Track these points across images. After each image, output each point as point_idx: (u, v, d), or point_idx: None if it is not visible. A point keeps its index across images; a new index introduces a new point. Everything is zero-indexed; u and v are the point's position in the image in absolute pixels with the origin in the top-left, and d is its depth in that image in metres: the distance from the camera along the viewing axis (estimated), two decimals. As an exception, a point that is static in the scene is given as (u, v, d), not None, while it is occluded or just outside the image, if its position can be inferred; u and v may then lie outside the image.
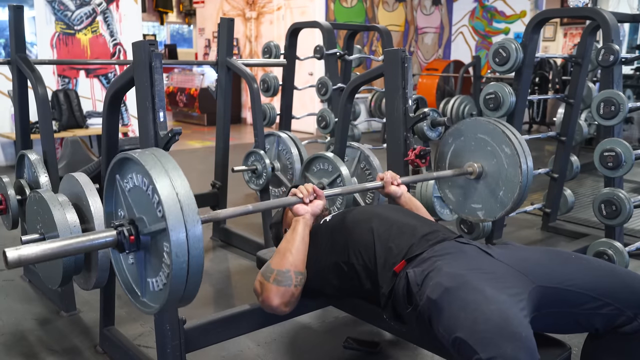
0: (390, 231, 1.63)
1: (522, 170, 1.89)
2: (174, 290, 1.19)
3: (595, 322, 1.40)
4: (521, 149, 1.91)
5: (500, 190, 1.94)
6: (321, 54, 3.79)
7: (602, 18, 2.74)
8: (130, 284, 1.36)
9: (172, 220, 1.15)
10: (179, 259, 1.15)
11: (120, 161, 1.29)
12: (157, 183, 1.17)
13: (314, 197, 1.70)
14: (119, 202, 1.33)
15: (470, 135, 2.01)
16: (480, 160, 1.98)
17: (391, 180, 1.92)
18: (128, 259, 1.34)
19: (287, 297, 1.60)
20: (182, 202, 1.17)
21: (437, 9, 9.52)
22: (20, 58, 2.54)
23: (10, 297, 2.63)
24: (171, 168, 1.21)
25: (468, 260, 1.46)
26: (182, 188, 1.19)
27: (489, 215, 2.01)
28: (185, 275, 1.17)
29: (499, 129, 1.92)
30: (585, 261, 1.50)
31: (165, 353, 1.69)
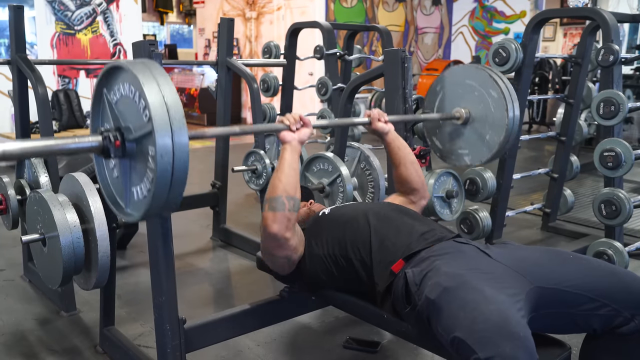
0: (387, 229, 1.64)
1: (508, 113, 1.93)
2: (158, 195, 1.19)
3: (593, 322, 1.41)
4: (508, 94, 1.96)
5: (487, 134, 1.99)
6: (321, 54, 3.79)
7: (601, 18, 2.74)
8: (114, 196, 1.37)
9: (158, 122, 1.15)
10: (163, 160, 1.15)
11: (108, 71, 1.29)
12: (145, 87, 1.17)
13: (300, 125, 1.71)
14: (106, 116, 1.33)
15: (457, 82, 2.07)
16: (467, 105, 2.03)
17: (378, 117, 1.94)
18: (113, 172, 1.35)
19: (283, 222, 1.60)
20: (169, 106, 1.18)
21: (437, 9, 9.52)
22: (21, 58, 2.54)
23: (11, 297, 2.63)
24: (159, 75, 1.21)
25: (466, 260, 1.46)
26: (170, 94, 1.19)
27: (475, 160, 2.07)
28: (170, 177, 1.18)
29: (486, 74, 1.97)
30: (584, 261, 1.50)
31: (165, 353, 1.69)
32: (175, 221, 1.72)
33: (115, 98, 1.30)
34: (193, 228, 3.70)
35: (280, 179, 1.63)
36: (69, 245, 1.80)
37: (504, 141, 1.94)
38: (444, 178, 2.54)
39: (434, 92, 2.13)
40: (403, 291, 1.47)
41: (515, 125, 1.98)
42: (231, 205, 3.65)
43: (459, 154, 2.09)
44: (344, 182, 2.60)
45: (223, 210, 3.46)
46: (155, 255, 1.65)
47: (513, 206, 3.72)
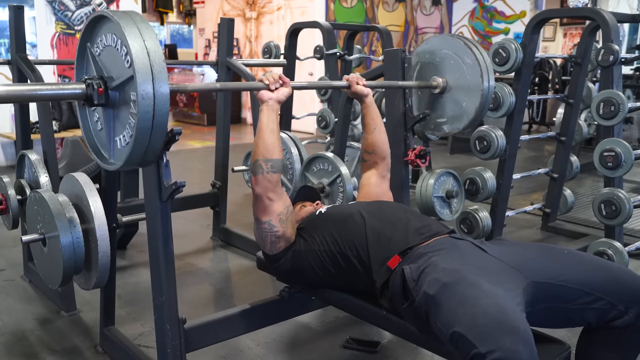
0: (383, 225, 1.65)
1: (483, 79, 2.04)
2: (140, 139, 1.24)
3: (588, 316, 1.42)
4: (483, 61, 2.12)
5: (464, 101, 2.08)
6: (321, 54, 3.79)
7: (601, 18, 2.74)
8: (98, 148, 1.42)
9: (139, 67, 1.20)
10: (144, 102, 1.20)
11: (93, 21, 1.33)
12: (127, 34, 1.21)
13: (280, 85, 1.74)
14: (90, 68, 1.37)
15: (434, 52, 2.16)
16: (444, 74, 2.12)
17: (356, 80, 2.01)
18: (97, 125, 1.39)
19: (263, 183, 1.65)
20: (150, 52, 1.22)
21: (437, 9, 9.52)
22: (21, 58, 2.54)
23: (11, 297, 2.63)
24: (141, 23, 1.25)
25: (463, 256, 1.48)
26: (151, 42, 1.23)
27: (453, 128, 2.20)
28: (151, 120, 1.22)
29: (461, 42, 2.11)
30: (578, 256, 1.51)
31: (166, 353, 1.69)
32: (175, 221, 1.72)
33: (97, 51, 1.34)
34: (193, 228, 3.70)
35: (257, 142, 1.68)
36: (69, 245, 1.81)
37: (479, 107, 2.07)
38: (444, 178, 2.55)
39: (411, 61, 2.23)
40: (400, 288, 1.48)
41: (491, 91, 2.11)
42: (231, 205, 3.65)
43: (438, 123, 2.24)
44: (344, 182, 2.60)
45: (223, 210, 3.47)
46: (156, 255, 1.65)
47: (513, 206, 3.72)
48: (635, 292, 1.39)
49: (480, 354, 1.17)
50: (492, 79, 2.11)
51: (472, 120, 2.10)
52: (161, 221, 1.60)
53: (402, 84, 2.14)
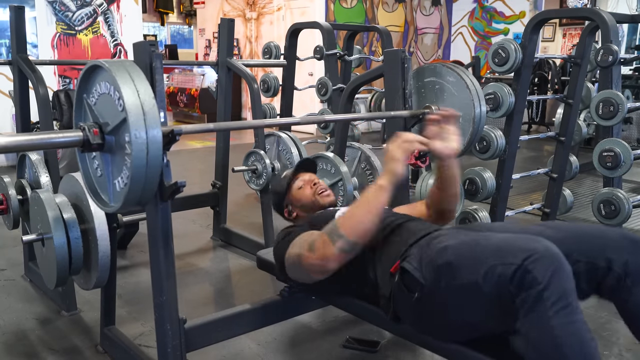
0: (394, 238, 1.63)
1: (474, 107, 2.09)
2: (136, 179, 1.29)
3: (579, 283, 1.36)
4: (474, 89, 2.10)
5: (459, 118, 2.12)
6: (321, 55, 3.80)
7: (601, 19, 2.75)
8: (99, 192, 1.47)
9: (131, 109, 1.26)
10: (137, 141, 1.26)
11: (87, 72, 1.39)
12: (120, 81, 1.27)
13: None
14: (87, 117, 1.43)
15: (417, 85, 2.22)
16: (433, 101, 2.14)
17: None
18: (97, 172, 1.46)
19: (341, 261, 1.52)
20: (143, 101, 1.29)
21: (436, 10, 9.53)
22: (21, 58, 2.54)
23: (11, 296, 2.64)
24: (133, 71, 1.32)
25: (460, 233, 1.52)
26: (145, 92, 1.30)
27: None
28: (145, 157, 1.27)
29: (438, 66, 2.14)
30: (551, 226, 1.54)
31: (166, 353, 1.69)
32: (175, 221, 1.72)
33: (93, 100, 1.40)
34: (193, 228, 3.70)
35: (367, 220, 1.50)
36: (62, 246, 1.82)
37: (471, 135, 2.12)
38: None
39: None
40: (404, 283, 1.47)
41: (482, 119, 2.13)
42: (231, 205, 3.65)
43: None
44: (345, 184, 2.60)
45: (223, 210, 3.47)
46: (156, 255, 1.65)
47: (512, 206, 3.72)
48: (607, 243, 1.39)
49: (519, 266, 1.21)
50: (483, 104, 2.14)
51: (466, 147, 2.15)
52: (161, 221, 1.60)
53: (394, 113, 2.15)
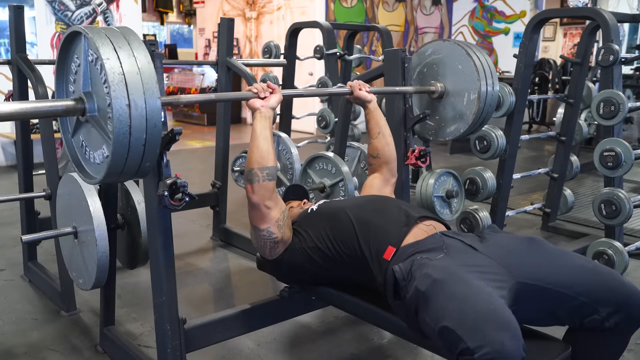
0: (371, 218, 1.67)
1: (480, 83, 2.02)
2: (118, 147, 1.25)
3: (571, 318, 1.44)
4: (481, 65, 2.06)
5: (461, 106, 2.06)
6: (321, 54, 3.79)
7: (601, 18, 2.74)
8: (79, 160, 1.45)
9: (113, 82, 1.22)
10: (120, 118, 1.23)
11: (70, 37, 1.36)
12: (102, 50, 1.23)
13: (269, 92, 1.74)
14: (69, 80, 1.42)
15: (433, 57, 2.17)
16: (443, 79, 2.11)
17: (359, 86, 2.01)
18: (79, 138, 1.43)
19: (260, 191, 1.64)
20: (125, 67, 1.24)
21: (437, 9, 9.52)
22: (21, 58, 2.54)
23: (11, 296, 2.63)
24: (118, 41, 1.27)
25: (452, 254, 1.50)
26: (129, 57, 1.25)
27: (452, 133, 2.19)
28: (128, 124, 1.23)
29: (460, 48, 2.07)
30: (568, 258, 1.51)
31: (166, 353, 1.69)
32: (175, 221, 1.72)
33: (74, 67, 1.37)
34: (193, 228, 3.70)
35: (252, 150, 1.67)
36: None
37: (477, 112, 2.05)
38: (444, 178, 2.54)
39: (408, 78, 2.21)
40: (392, 286, 1.50)
41: (490, 96, 2.07)
42: (231, 205, 3.65)
43: (436, 129, 2.20)
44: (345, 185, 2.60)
45: (223, 210, 3.46)
46: (156, 255, 1.65)
47: (513, 206, 3.72)
48: (619, 299, 1.40)
49: (469, 349, 1.18)
50: (494, 83, 2.08)
51: (471, 126, 2.09)
52: (161, 221, 1.60)
53: (399, 89, 2.14)
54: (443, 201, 2.55)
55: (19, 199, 2.68)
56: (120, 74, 1.22)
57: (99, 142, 1.34)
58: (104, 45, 1.24)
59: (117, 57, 1.24)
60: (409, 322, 1.48)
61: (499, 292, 1.35)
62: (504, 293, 1.38)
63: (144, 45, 1.31)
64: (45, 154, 2.44)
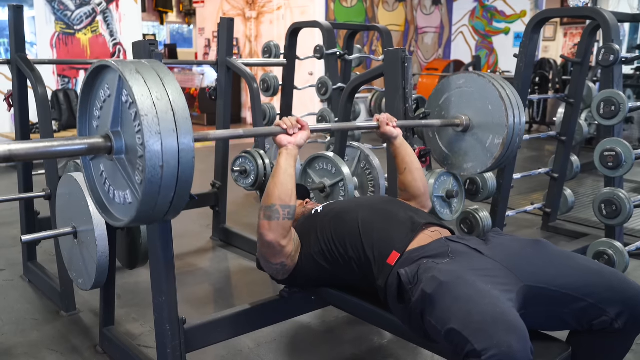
0: (376, 222, 1.66)
1: (508, 119, 1.91)
2: (148, 195, 1.17)
3: (579, 320, 1.43)
4: (508, 100, 1.93)
5: (487, 141, 1.97)
6: (321, 54, 3.79)
7: (602, 18, 2.74)
8: (103, 201, 1.36)
9: (147, 120, 1.13)
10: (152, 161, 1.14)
11: (97, 70, 1.28)
12: (132, 84, 1.15)
13: (298, 129, 1.69)
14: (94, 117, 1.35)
15: (459, 89, 2.06)
16: (467, 112, 2.01)
17: (387, 121, 1.95)
18: (102, 177, 1.34)
19: (279, 230, 1.60)
20: (157, 104, 1.16)
21: (437, 9, 9.51)
22: (20, 58, 2.53)
23: (10, 297, 2.63)
24: (157, 71, 1.20)
25: (458, 258, 1.49)
26: (162, 91, 1.17)
27: (476, 168, 2.06)
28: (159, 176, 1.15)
29: (486, 81, 1.97)
30: (573, 261, 1.51)
31: (165, 353, 1.69)
32: (175, 221, 1.71)
33: (100, 104, 1.29)
34: (193, 228, 3.69)
35: (275, 186, 1.62)
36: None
37: (505, 143, 1.93)
38: (444, 178, 2.54)
39: (435, 98, 2.11)
40: (396, 290, 1.49)
41: (517, 132, 1.94)
42: (231, 205, 3.64)
43: (460, 162, 2.08)
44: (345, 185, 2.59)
45: (223, 210, 3.46)
46: (155, 255, 1.65)
47: (513, 206, 3.72)
48: (626, 300, 1.40)
49: (476, 351, 1.18)
50: (521, 134, 1.97)
51: (496, 161, 1.97)
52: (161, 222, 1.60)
53: (425, 122, 2.04)
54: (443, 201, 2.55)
55: (19, 199, 2.68)
56: (154, 116, 1.14)
57: (123, 183, 1.26)
58: (139, 85, 1.16)
59: (152, 99, 1.15)
60: (411, 325, 1.47)
61: (506, 296, 1.35)
62: (512, 296, 1.37)
63: (176, 82, 1.22)
64: (45, 153, 2.44)
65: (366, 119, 2.78)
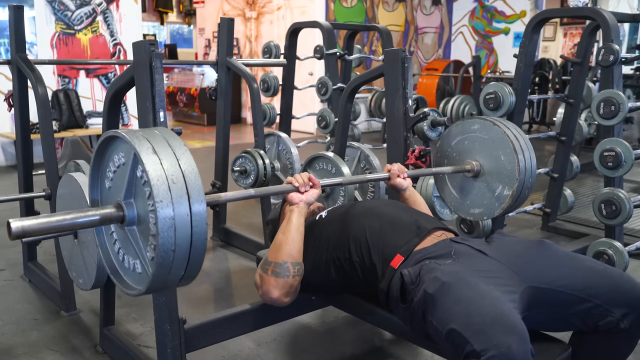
0: (382, 227, 1.65)
1: (519, 168, 1.88)
2: (163, 262, 1.14)
3: (584, 321, 1.43)
4: (520, 148, 1.90)
5: (498, 189, 1.94)
6: (321, 54, 3.79)
7: (602, 18, 2.74)
8: (117, 270, 1.32)
9: (158, 189, 1.11)
10: (164, 226, 1.10)
11: (106, 140, 1.26)
12: (141, 152, 1.13)
13: (309, 187, 1.68)
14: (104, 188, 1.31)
15: (469, 134, 2.02)
16: (479, 158, 1.99)
17: (398, 173, 1.91)
18: (115, 245, 1.31)
19: (286, 288, 1.60)
20: (168, 172, 1.15)
21: (437, 9, 9.52)
22: (21, 58, 2.53)
23: (11, 297, 2.63)
24: (177, 146, 1.19)
25: (462, 259, 1.49)
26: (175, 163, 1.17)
27: (485, 215, 2.01)
28: (173, 240, 1.12)
29: (497, 127, 1.92)
30: (577, 261, 1.51)
31: (166, 353, 1.69)
32: (175, 221, 1.72)
33: (110, 174, 1.28)
34: (193, 228, 3.69)
35: (286, 243, 1.61)
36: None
37: (514, 195, 1.90)
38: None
39: (448, 139, 2.08)
40: (399, 290, 1.49)
41: (527, 185, 1.91)
42: (231, 205, 3.65)
43: (467, 206, 2.05)
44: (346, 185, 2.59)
45: (223, 210, 3.46)
46: (155, 255, 1.64)
47: (513, 206, 3.71)
48: (632, 301, 1.40)
49: (475, 352, 1.18)
50: (530, 187, 1.93)
51: (505, 210, 1.94)
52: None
53: (436, 170, 2.02)
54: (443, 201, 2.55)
55: (19, 199, 2.68)
56: (169, 201, 1.12)
57: (134, 252, 1.24)
58: (155, 170, 1.13)
59: (167, 184, 1.14)
60: (412, 326, 1.47)
61: (508, 297, 1.34)
62: (515, 297, 1.37)
63: (187, 150, 1.21)
64: (45, 154, 2.44)
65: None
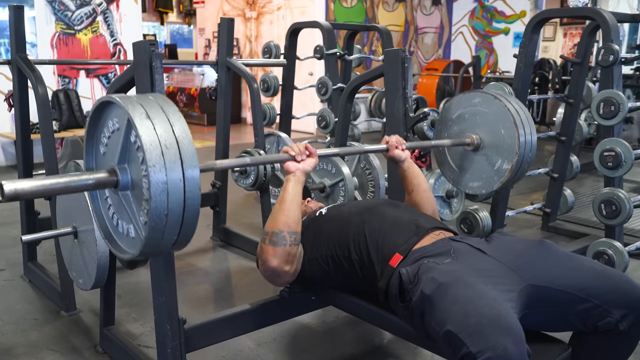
0: (382, 226, 1.65)
1: (519, 139, 1.88)
2: (155, 227, 1.15)
3: (583, 321, 1.43)
4: (520, 122, 1.89)
5: (497, 162, 1.94)
6: (321, 54, 3.79)
7: (601, 18, 2.74)
8: (110, 233, 1.33)
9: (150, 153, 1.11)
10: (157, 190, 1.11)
11: (101, 106, 1.26)
12: (135, 118, 1.13)
13: (306, 156, 1.67)
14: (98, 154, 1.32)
15: (469, 108, 2.03)
16: (479, 132, 1.99)
17: (396, 144, 1.91)
18: (109, 210, 1.32)
19: (284, 257, 1.61)
20: (161, 137, 1.14)
21: (437, 9, 9.52)
22: (21, 58, 2.53)
23: (10, 297, 2.63)
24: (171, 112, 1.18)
25: (460, 258, 1.49)
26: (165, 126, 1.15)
27: (485, 188, 2.02)
28: (165, 203, 1.14)
29: (498, 101, 1.92)
30: (577, 261, 1.51)
31: (166, 353, 1.69)
32: (175, 221, 1.72)
33: (105, 140, 1.28)
34: (193, 228, 3.69)
35: (282, 212, 1.62)
36: None
37: (514, 169, 1.90)
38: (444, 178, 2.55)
39: (448, 112, 2.08)
40: (397, 289, 1.50)
41: (527, 159, 1.92)
42: (231, 205, 3.65)
43: (466, 180, 2.05)
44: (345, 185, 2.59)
45: (223, 210, 3.46)
46: (155, 255, 1.65)
47: (513, 206, 3.72)
48: (631, 302, 1.40)
49: (471, 354, 1.18)
50: (530, 160, 1.94)
51: (506, 182, 1.94)
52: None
53: (435, 142, 2.02)
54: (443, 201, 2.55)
55: (19, 199, 2.68)
56: (162, 166, 1.12)
57: (127, 217, 1.25)
58: (148, 135, 1.13)
59: (160, 149, 1.13)
60: (414, 326, 1.47)
61: (506, 296, 1.34)
62: (513, 296, 1.36)
63: (181, 117, 1.20)
64: (45, 154, 2.44)
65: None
